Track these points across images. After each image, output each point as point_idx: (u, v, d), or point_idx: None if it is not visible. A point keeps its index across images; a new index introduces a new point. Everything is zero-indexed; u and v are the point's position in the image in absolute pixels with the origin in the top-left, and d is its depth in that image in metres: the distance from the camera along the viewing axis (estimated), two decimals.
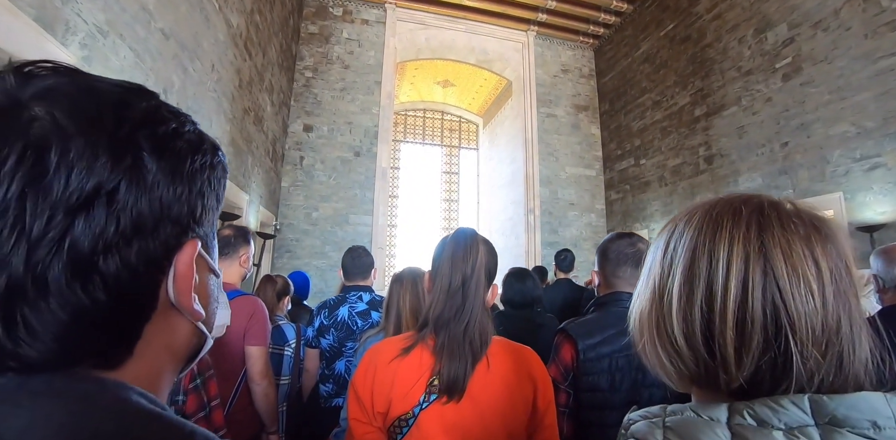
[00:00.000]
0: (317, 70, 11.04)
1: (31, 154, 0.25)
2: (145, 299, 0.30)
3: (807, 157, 7.45)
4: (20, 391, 0.23)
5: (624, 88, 12.37)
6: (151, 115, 0.34)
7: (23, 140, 0.25)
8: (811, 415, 0.38)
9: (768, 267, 0.41)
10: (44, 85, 0.29)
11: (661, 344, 0.47)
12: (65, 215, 0.26)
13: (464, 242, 0.95)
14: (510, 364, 0.96)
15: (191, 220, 0.34)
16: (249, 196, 7.89)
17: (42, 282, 0.24)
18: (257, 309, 1.38)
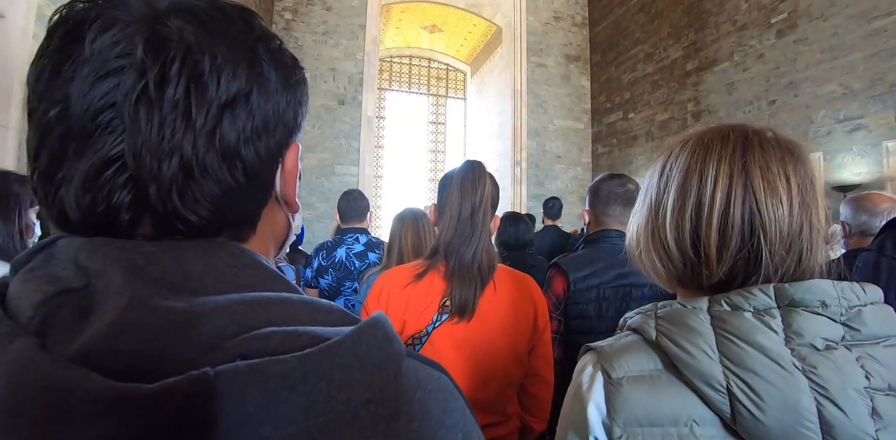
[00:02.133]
0: (297, 12, 10.35)
1: (189, 58, 0.29)
2: (267, 186, 0.37)
3: (792, 116, 7.51)
4: (190, 247, 0.30)
5: (617, 39, 11.97)
6: (265, 31, 0.37)
7: (182, 47, 0.29)
8: (774, 299, 0.48)
9: (748, 181, 0.51)
10: (178, 1, 0.32)
11: (655, 249, 0.57)
12: (217, 111, 0.30)
13: (472, 173, 1.03)
14: (514, 288, 1.07)
15: (294, 125, 0.39)
16: None
17: (202, 163, 0.30)
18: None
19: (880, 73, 6.31)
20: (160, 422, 0.20)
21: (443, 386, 0.32)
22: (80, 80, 0.28)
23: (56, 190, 0.29)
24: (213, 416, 0.21)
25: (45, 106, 0.29)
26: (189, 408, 0.21)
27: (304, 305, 0.29)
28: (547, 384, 1.09)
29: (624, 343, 0.53)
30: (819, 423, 0.42)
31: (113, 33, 0.28)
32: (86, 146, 0.28)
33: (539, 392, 1.08)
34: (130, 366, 0.22)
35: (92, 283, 0.26)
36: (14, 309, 0.26)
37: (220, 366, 0.22)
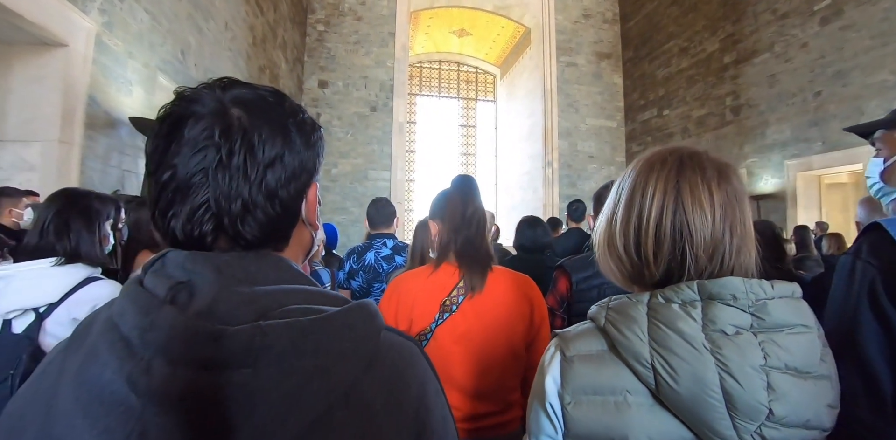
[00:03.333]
0: (329, 23, 10.66)
1: (245, 137, 0.44)
2: (296, 214, 0.51)
3: (841, 107, 7.12)
4: (248, 256, 0.46)
5: (649, 34, 11.68)
6: (293, 108, 0.51)
7: (241, 129, 0.44)
8: (698, 293, 0.57)
9: (678, 197, 0.60)
10: (236, 93, 0.47)
11: (610, 254, 0.67)
12: (263, 169, 0.45)
13: (467, 183, 1.16)
14: (510, 286, 1.18)
15: (314, 170, 0.52)
16: None
17: (254, 202, 0.45)
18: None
19: None
20: (238, 347, 0.37)
21: (409, 350, 0.47)
22: (182, 155, 0.44)
23: (169, 222, 0.45)
24: (265, 346, 0.37)
25: (161, 170, 0.45)
26: (252, 341, 0.37)
27: (318, 293, 0.45)
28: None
29: (580, 329, 0.65)
30: (721, 393, 0.52)
31: (199, 125, 0.44)
32: (186, 196, 0.44)
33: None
34: (222, 320, 0.39)
35: (192, 279, 0.42)
36: (152, 292, 0.42)
37: (261, 321, 0.39)
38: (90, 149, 3.16)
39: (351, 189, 10.65)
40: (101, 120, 3.27)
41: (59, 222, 1.05)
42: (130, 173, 3.62)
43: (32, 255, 1.03)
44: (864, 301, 0.69)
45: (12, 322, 0.98)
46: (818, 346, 0.57)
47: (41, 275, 1.01)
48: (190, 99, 0.46)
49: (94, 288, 1.04)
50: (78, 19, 3.04)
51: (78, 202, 1.10)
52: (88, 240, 1.07)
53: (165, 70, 4.18)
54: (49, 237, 1.04)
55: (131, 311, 0.39)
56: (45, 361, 0.45)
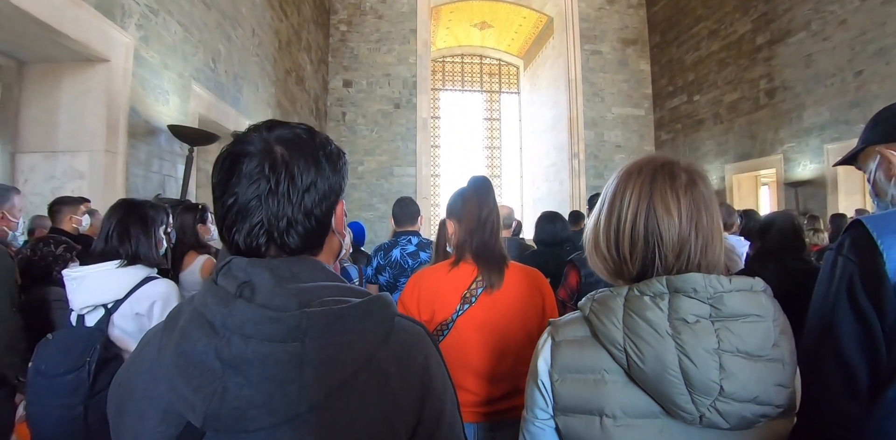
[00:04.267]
0: (351, 23, 10.79)
1: (287, 169, 0.58)
2: (327, 226, 0.63)
3: (884, 86, 6.74)
4: (292, 260, 0.59)
5: (677, 17, 11.29)
6: (323, 142, 0.64)
7: (283, 164, 0.58)
8: (666, 287, 0.66)
9: (650, 204, 0.68)
10: (277, 134, 0.60)
11: (597, 251, 0.75)
12: (302, 193, 0.58)
13: (484, 185, 1.25)
14: (524, 279, 1.29)
15: (340, 191, 0.65)
16: None
17: (296, 219, 0.58)
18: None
19: None
20: (291, 327, 0.50)
21: (417, 331, 0.61)
22: (242, 185, 0.57)
23: (233, 236, 0.58)
24: (309, 327, 0.50)
25: (226, 197, 0.58)
26: (300, 323, 0.50)
27: (346, 288, 0.58)
28: None
29: (569, 318, 0.75)
30: (680, 373, 0.61)
31: (253, 162, 0.58)
32: (245, 216, 0.57)
33: None
34: (278, 309, 0.51)
35: (252, 279, 0.55)
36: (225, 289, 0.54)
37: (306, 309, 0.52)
38: (133, 156, 3.37)
39: (377, 186, 10.82)
40: (141, 129, 3.48)
41: (120, 229, 1.20)
42: (170, 177, 3.84)
43: (100, 258, 1.18)
44: (843, 295, 0.72)
45: (85, 317, 1.13)
46: (771, 333, 0.64)
47: (108, 276, 1.16)
48: (243, 140, 0.60)
49: (153, 286, 1.18)
50: (117, 35, 3.24)
51: (135, 211, 1.25)
52: (146, 244, 1.21)
53: (198, 78, 4.38)
54: (113, 242, 1.19)
55: (213, 303, 0.52)
56: (143, 342, 0.61)
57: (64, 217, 2.22)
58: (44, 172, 3.06)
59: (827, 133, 7.67)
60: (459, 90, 15.39)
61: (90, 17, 3.00)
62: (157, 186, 3.65)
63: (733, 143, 9.69)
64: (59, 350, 1.11)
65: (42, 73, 3.14)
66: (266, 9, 6.35)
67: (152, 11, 3.69)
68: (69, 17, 2.81)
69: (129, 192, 3.29)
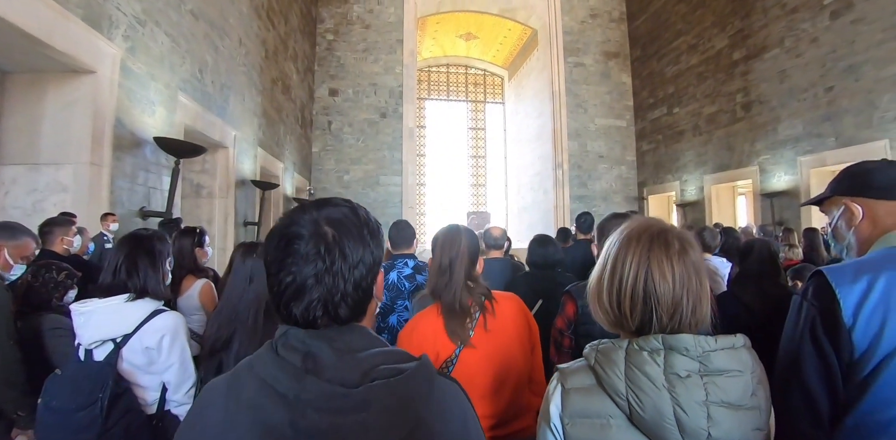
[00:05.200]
0: (338, 32, 10.82)
1: (339, 248, 0.63)
2: (371, 294, 0.68)
3: (853, 102, 7.03)
4: (344, 330, 0.64)
5: (657, 32, 11.61)
6: (366, 218, 0.69)
7: (335, 244, 0.63)
8: (662, 344, 0.75)
9: (648, 270, 0.77)
10: (325, 214, 0.66)
11: (600, 306, 0.83)
12: (352, 270, 0.63)
13: (450, 234, 1.36)
14: (513, 308, 1.36)
15: (381, 260, 0.70)
16: (284, 164, 8.18)
17: (347, 292, 0.63)
18: None
19: None
20: (358, 401, 0.56)
21: (455, 391, 0.68)
22: (299, 265, 0.62)
23: (291, 310, 0.63)
24: (372, 399, 0.57)
25: (283, 275, 0.63)
26: (366, 396, 0.57)
27: (394, 352, 0.65)
28: (541, 383, 1.42)
29: (575, 366, 0.84)
30: (675, 421, 0.71)
31: (309, 244, 0.63)
32: (303, 293, 0.62)
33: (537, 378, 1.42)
34: (344, 383, 0.58)
35: (312, 350, 0.61)
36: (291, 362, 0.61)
37: (370, 383, 0.58)
38: (118, 168, 3.32)
39: (363, 195, 10.79)
40: (127, 140, 3.44)
41: (129, 264, 1.20)
42: (155, 190, 3.79)
43: (108, 292, 1.18)
44: (807, 335, 0.84)
45: (93, 351, 1.12)
46: (750, 385, 0.75)
47: (117, 311, 1.15)
48: (295, 222, 0.65)
49: (161, 319, 1.18)
50: (104, 46, 3.21)
51: (143, 245, 1.25)
52: (154, 278, 1.21)
53: (185, 89, 4.35)
54: (121, 276, 1.19)
55: (284, 378, 0.59)
56: (203, 403, 0.66)
57: (55, 238, 2.18)
58: (26, 185, 3.00)
59: (801, 145, 7.94)
60: (445, 99, 15.50)
61: (78, 29, 2.97)
62: (141, 199, 3.59)
63: (712, 155, 9.96)
64: (70, 386, 1.10)
65: (26, 84, 3.09)
66: (253, 19, 6.34)
67: (140, 22, 3.67)
68: (57, 30, 2.78)
69: (114, 205, 3.24)
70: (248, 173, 6.12)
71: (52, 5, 2.73)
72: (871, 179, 0.87)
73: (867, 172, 0.88)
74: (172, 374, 1.18)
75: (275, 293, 0.64)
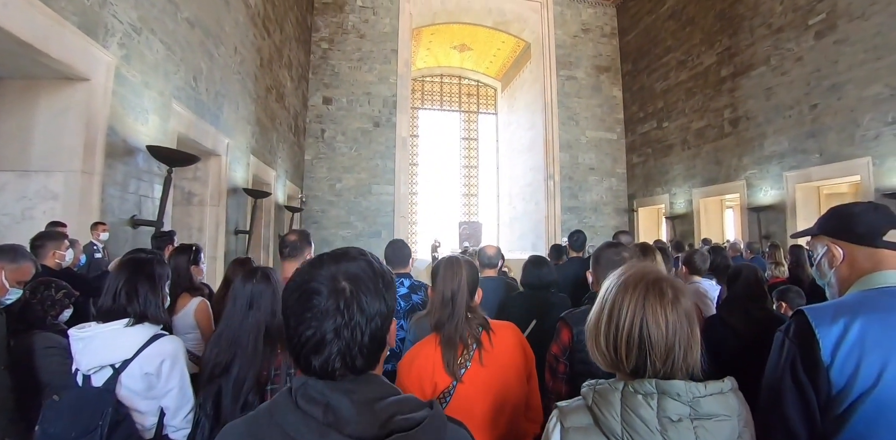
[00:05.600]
0: (332, 41, 10.88)
1: (356, 303, 0.66)
2: (385, 343, 0.71)
3: (836, 119, 7.22)
4: (360, 380, 0.67)
5: (647, 47, 11.85)
6: (381, 271, 0.71)
7: (353, 299, 0.66)
8: (655, 388, 0.79)
9: (644, 316, 0.81)
10: (343, 268, 0.68)
11: (597, 348, 0.87)
12: (369, 322, 0.66)
13: (450, 267, 1.35)
14: (509, 336, 1.40)
15: (394, 310, 0.73)
16: (276, 172, 8.14)
17: (364, 344, 0.66)
18: None
19: None
20: None
21: (462, 434, 0.72)
22: (318, 319, 0.65)
23: (310, 363, 0.65)
24: None
25: (303, 328, 0.65)
26: None
27: (406, 401, 0.68)
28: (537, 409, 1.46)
29: (574, 406, 0.87)
30: None
31: (326, 299, 0.65)
32: (323, 347, 0.65)
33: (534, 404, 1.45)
34: (365, 435, 0.60)
35: (331, 402, 0.63)
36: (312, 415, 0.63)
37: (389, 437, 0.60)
38: (109, 177, 3.29)
39: (355, 203, 10.77)
40: (119, 149, 3.41)
41: (129, 288, 1.19)
42: (146, 198, 3.75)
43: (107, 317, 1.17)
44: (788, 372, 0.90)
45: (91, 377, 1.10)
46: (737, 428, 0.80)
47: (116, 336, 1.14)
48: (313, 278, 0.68)
49: (161, 344, 1.17)
50: (99, 54, 3.20)
51: (143, 269, 1.25)
52: (153, 302, 1.20)
53: (179, 97, 4.33)
54: (121, 301, 1.18)
55: (306, 432, 0.62)
56: None
57: (47, 253, 2.14)
58: (15, 192, 2.95)
59: (786, 161, 8.12)
60: (438, 109, 15.60)
61: (73, 37, 2.96)
62: (132, 207, 3.56)
63: (700, 168, 10.12)
64: (69, 413, 1.07)
65: (19, 89, 3.06)
66: (249, 27, 6.36)
67: (135, 30, 3.67)
68: (52, 37, 2.76)
69: (104, 213, 3.20)
70: (240, 181, 6.09)
71: (47, 13, 2.71)
72: (854, 224, 0.91)
73: (851, 216, 0.92)
74: (171, 399, 1.17)
75: (294, 345, 0.66)
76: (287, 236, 1.74)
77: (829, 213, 0.98)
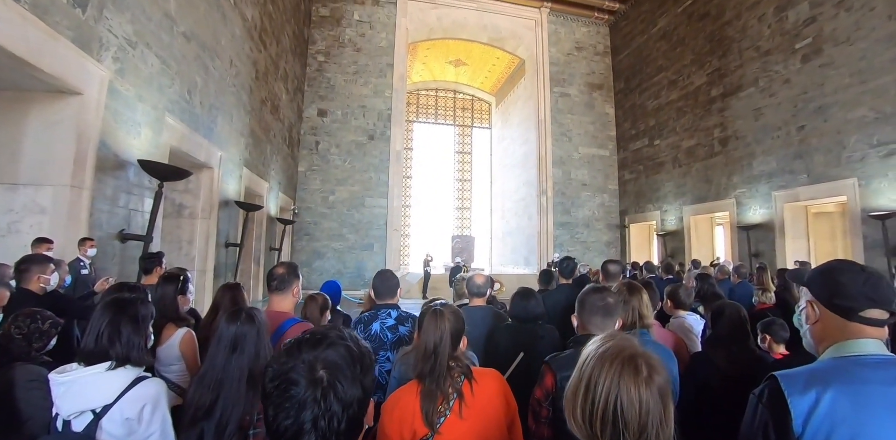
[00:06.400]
0: (329, 54, 10.98)
1: (333, 390, 0.66)
2: (362, 425, 0.71)
3: (823, 141, 7.36)
4: None
5: (639, 66, 12.08)
6: (360, 355, 0.72)
7: (330, 388, 0.66)
8: None
9: (619, 393, 0.82)
10: (322, 356, 0.68)
11: (574, 419, 0.87)
12: (344, 408, 0.66)
13: (435, 317, 1.35)
14: (495, 389, 1.38)
15: (372, 392, 0.72)
16: (269, 183, 8.11)
17: (340, 429, 0.66)
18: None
19: None
20: None
21: None
22: (296, 409, 0.65)
23: None
24: None
25: (282, 417, 0.65)
26: None
27: None
28: None
29: None
30: None
31: (304, 389, 0.65)
32: (301, 435, 0.65)
33: None
34: None
35: None
36: None
37: None
38: (99, 191, 3.25)
39: (348, 216, 10.75)
40: (110, 162, 3.38)
41: (111, 330, 1.17)
42: (136, 212, 3.71)
43: (89, 359, 1.14)
44: (760, 435, 0.91)
45: (72, 422, 1.07)
46: None
47: (97, 380, 1.11)
48: (292, 368, 0.68)
49: (142, 388, 1.14)
50: (93, 68, 3.19)
51: (127, 310, 1.22)
52: (137, 344, 1.18)
53: (172, 110, 4.32)
54: (103, 343, 1.15)
55: None
56: None
57: (32, 277, 2.09)
58: (2, 205, 2.90)
59: (774, 180, 8.24)
60: (433, 122, 15.70)
61: (66, 51, 2.95)
62: (122, 222, 3.51)
63: (691, 186, 10.24)
64: None
65: (9, 102, 3.03)
66: (245, 40, 6.40)
67: (130, 44, 3.67)
68: (46, 52, 2.75)
69: (93, 228, 3.16)
70: (232, 193, 6.06)
71: (41, 27, 2.71)
72: (836, 295, 0.92)
73: (836, 285, 0.92)
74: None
75: (273, 431, 0.67)
76: (275, 269, 1.71)
77: (821, 270, 0.98)
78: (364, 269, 10.44)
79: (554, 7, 12.10)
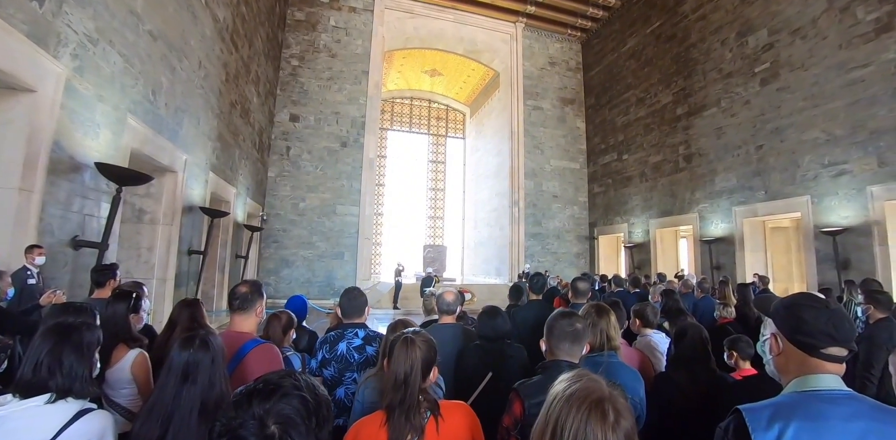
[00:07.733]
0: (303, 58, 10.85)
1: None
2: None
3: (779, 160, 7.74)
4: None
5: (610, 83, 12.45)
6: (316, 406, 0.67)
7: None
8: None
9: (586, 437, 0.82)
10: (275, 410, 0.63)
11: None
12: None
13: (405, 345, 1.31)
14: (462, 423, 1.35)
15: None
16: (237, 189, 7.84)
17: None
18: (274, 357, 1.54)
19: (860, 120, 6.56)
20: None
21: None
22: None
23: None
24: None
25: None
26: None
27: None
28: None
29: None
30: None
31: None
32: None
33: None
34: None
35: None
36: None
37: None
38: (51, 195, 3.05)
39: (318, 223, 10.54)
40: (64, 165, 3.19)
41: (51, 360, 1.06)
42: (92, 217, 3.51)
43: (26, 392, 1.03)
44: None
45: None
46: None
47: (35, 415, 1.00)
48: (241, 425, 0.63)
49: (85, 422, 1.02)
50: (48, 64, 3.02)
51: (70, 338, 1.10)
52: (80, 375, 1.07)
53: (135, 111, 4.14)
54: (42, 374, 1.04)
55: None
56: None
57: None
58: None
59: (735, 196, 8.60)
60: (407, 131, 15.68)
61: (19, 46, 2.78)
62: (75, 228, 3.30)
63: (657, 200, 10.55)
64: None
65: None
66: (216, 41, 6.24)
67: (91, 41, 3.50)
68: None
69: (43, 234, 2.96)
70: (196, 199, 5.83)
71: None
72: (799, 331, 0.94)
73: (800, 321, 0.94)
74: None
75: None
76: (238, 287, 1.61)
77: (785, 304, 1.00)
78: (334, 278, 10.23)
79: (529, 22, 12.36)
